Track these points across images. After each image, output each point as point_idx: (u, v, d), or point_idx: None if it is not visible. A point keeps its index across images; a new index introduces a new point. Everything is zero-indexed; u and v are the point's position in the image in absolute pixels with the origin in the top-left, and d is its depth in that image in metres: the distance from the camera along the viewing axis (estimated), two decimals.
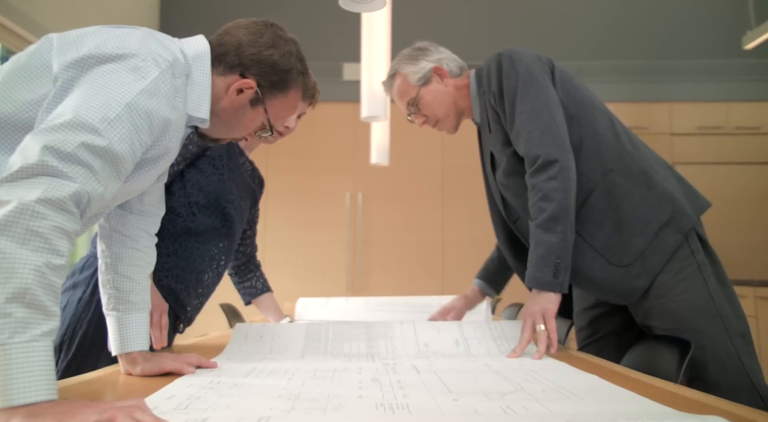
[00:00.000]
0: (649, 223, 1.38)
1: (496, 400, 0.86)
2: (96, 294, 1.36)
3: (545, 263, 1.33)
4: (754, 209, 4.54)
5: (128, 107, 0.86)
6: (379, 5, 1.37)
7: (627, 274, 1.38)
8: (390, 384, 0.98)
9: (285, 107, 1.13)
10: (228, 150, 1.57)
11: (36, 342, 0.69)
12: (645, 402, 0.84)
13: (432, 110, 1.61)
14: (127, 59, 0.90)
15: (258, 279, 1.95)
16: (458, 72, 1.62)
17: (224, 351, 1.41)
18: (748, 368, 1.32)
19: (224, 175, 1.55)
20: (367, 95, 2.16)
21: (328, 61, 4.80)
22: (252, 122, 1.12)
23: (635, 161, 1.44)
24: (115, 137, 0.84)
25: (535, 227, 1.36)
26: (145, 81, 0.89)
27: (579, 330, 1.65)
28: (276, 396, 0.89)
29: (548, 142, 1.37)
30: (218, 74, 1.07)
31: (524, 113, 1.41)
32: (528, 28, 4.76)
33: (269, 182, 4.79)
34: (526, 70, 1.44)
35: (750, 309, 3.53)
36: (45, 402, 0.68)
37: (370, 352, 1.37)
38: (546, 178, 1.35)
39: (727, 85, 4.75)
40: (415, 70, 1.59)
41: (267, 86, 1.08)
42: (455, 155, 4.73)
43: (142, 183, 1.04)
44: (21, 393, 0.66)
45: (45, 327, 0.70)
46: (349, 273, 4.63)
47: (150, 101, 0.89)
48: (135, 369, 1.09)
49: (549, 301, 1.33)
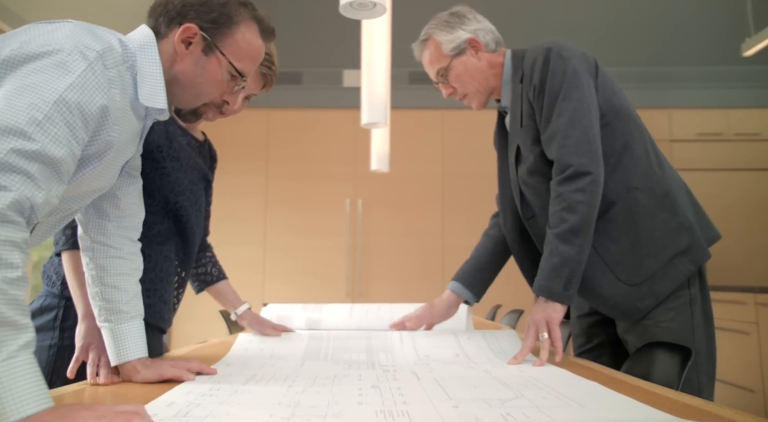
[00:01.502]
0: (665, 248, 1.37)
1: (497, 407, 0.85)
2: (65, 339, 1.26)
3: (557, 273, 1.31)
4: (754, 216, 4.54)
5: (57, 104, 0.82)
6: (379, 12, 1.38)
7: (633, 293, 1.37)
8: (390, 391, 0.98)
9: (244, 45, 1.06)
10: (167, 137, 1.39)
11: (14, 357, 0.68)
12: (645, 409, 0.83)
13: (462, 84, 1.53)
14: (52, 55, 0.84)
15: (213, 265, 1.72)
16: (494, 47, 1.54)
17: (224, 358, 1.41)
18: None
19: (167, 167, 1.37)
20: (367, 102, 2.16)
21: (328, 68, 4.81)
22: (217, 73, 1.05)
23: (661, 184, 1.41)
24: (47, 138, 0.80)
25: (554, 236, 1.33)
26: (72, 75, 0.84)
27: (574, 338, 1.65)
28: (276, 403, 0.89)
29: (583, 152, 1.33)
30: (162, 40, 1.02)
31: (564, 116, 1.36)
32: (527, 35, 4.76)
33: (269, 187, 4.81)
34: (574, 71, 1.38)
35: (750, 316, 3.53)
36: (42, 411, 0.68)
37: (370, 360, 1.37)
38: (574, 189, 1.32)
39: (726, 92, 4.77)
40: (450, 39, 1.51)
41: (210, 27, 1.02)
42: (456, 162, 4.73)
43: (97, 183, 1.00)
44: (15, 410, 0.66)
45: (20, 340, 0.70)
46: (348, 280, 4.63)
47: (80, 95, 0.85)
48: (136, 377, 1.09)
49: (554, 310, 1.32)
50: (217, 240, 1.80)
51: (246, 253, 4.57)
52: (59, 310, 1.29)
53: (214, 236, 1.73)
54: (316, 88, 4.81)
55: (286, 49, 5.01)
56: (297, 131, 4.75)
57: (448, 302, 1.69)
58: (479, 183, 4.52)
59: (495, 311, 3.29)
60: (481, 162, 1.41)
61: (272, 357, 1.42)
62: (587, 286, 1.40)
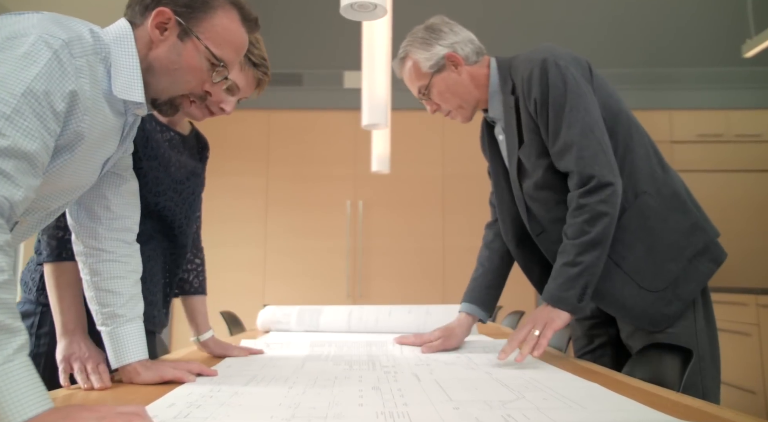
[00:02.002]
0: (683, 249, 1.36)
1: (498, 409, 0.85)
2: (41, 347, 1.25)
3: (573, 284, 1.28)
4: (755, 217, 4.53)
5: (24, 96, 0.79)
6: (379, 14, 1.38)
7: (658, 300, 1.34)
8: (391, 392, 0.98)
9: (221, 30, 1.01)
10: (143, 136, 1.33)
11: (11, 361, 0.69)
12: (647, 410, 0.83)
13: (445, 100, 1.51)
14: (16, 47, 0.81)
15: (197, 276, 1.60)
16: (475, 58, 1.49)
17: (225, 360, 1.41)
18: None
19: (143, 167, 1.32)
20: (367, 103, 2.16)
21: (329, 70, 4.81)
22: (194, 60, 1.00)
23: (667, 184, 1.40)
24: (18, 133, 0.78)
25: (572, 245, 1.30)
26: (38, 65, 0.81)
27: (575, 340, 1.64)
28: (276, 405, 0.89)
29: (603, 163, 1.31)
30: (138, 28, 0.99)
31: (575, 127, 1.33)
32: (528, 36, 4.77)
33: (270, 189, 4.81)
34: (574, 80, 1.36)
35: (752, 317, 3.52)
36: (43, 412, 0.69)
37: (371, 360, 1.37)
38: (598, 200, 1.29)
39: (727, 93, 4.76)
40: (427, 57, 1.47)
41: (184, 11, 0.98)
42: (456, 163, 4.73)
43: (74, 179, 0.97)
44: (17, 412, 0.67)
45: (14, 343, 0.70)
46: (349, 281, 4.63)
47: (47, 84, 0.82)
48: (136, 379, 1.09)
49: (558, 316, 1.29)
50: (217, 241, 1.79)
51: (246, 254, 4.57)
52: (35, 317, 1.28)
53: (214, 237, 1.72)
54: (316, 90, 4.81)
55: (287, 50, 5.02)
56: (297, 132, 4.75)
57: (467, 326, 1.64)
58: (480, 185, 4.50)
59: (496, 313, 3.29)
60: (482, 164, 1.40)
61: (273, 358, 1.42)
62: (610, 298, 1.37)
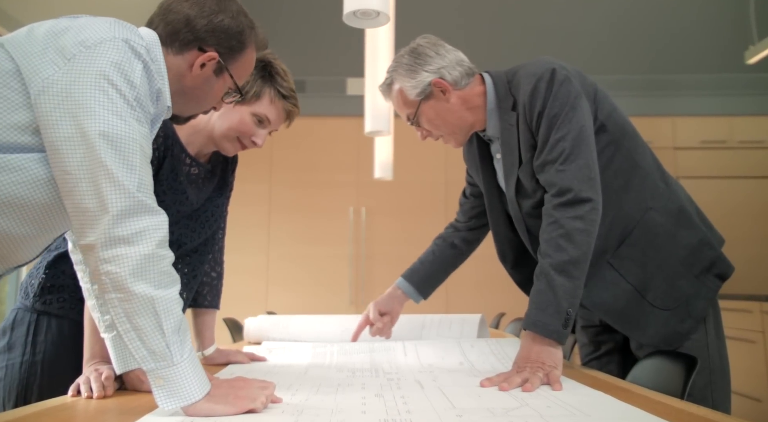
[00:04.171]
0: (691, 266, 1.35)
1: (501, 416, 0.85)
2: (37, 354, 1.26)
3: (556, 309, 1.20)
4: (759, 223, 4.52)
5: (139, 149, 0.90)
6: (382, 21, 1.38)
7: (672, 317, 1.33)
8: (394, 400, 0.98)
9: (246, 66, 1.12)
10: (171, 164, 1.32)
11: (192, 352, 0.88)
12: (652, 418, 0.83)
13: (435, 127, 1.45)
14: (115, 73, 0.89)
15: (210, 290, 1.60)
16: (465, 81, 1.41)
17: (228, 367, 1.41)
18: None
19: (165, 201, 1.28)
20: (370, 110, 2.17)
21: (332, 76, 4.83)
22: (220, 91, 1.11)
23: (672, 199, 1.39)
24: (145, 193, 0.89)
25: (550, 266, 1.23)
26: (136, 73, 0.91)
27: (582, 346, 1.63)
28: (279, 411, 0.89)
29: (584, 178, 1.26)
30: (174, 54, 1.03)
31: (565, 140, 1.29)
32: (529, 43, 4.78)
33: (273, 195, 4.82)
34: (575, 94, 1.32)
35: (756, 324, 3.50)
36: (210, 390, 0.88)
37: (374, 367, 1.36)
38: (572, 216, 1.25)
39: (730, 100, 4.76)
40: (413, 85, 1.39)
41: (227, 53, 1.06)
42: (459, 170, 4.69)
43: None
44: (199, 390, 0.87)
45: (189, 339, 0.91)
46: (352, 288, 4.62)
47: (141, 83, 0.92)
48: (140, 386, 1.09)
49: (552, 358, 1.18)
50: None
51: (249, 261, 4.57)
52: (31, 324, 1.28)
53: None
54: (319, 97, 4.82)
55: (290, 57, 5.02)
56: (300, 138, 4.76)
57: (403, 302, 1.79)
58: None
59: (499, 319, 3.28)
60: None
61: (276, 365, 1.42)
62: (624, 318, 1.36)
